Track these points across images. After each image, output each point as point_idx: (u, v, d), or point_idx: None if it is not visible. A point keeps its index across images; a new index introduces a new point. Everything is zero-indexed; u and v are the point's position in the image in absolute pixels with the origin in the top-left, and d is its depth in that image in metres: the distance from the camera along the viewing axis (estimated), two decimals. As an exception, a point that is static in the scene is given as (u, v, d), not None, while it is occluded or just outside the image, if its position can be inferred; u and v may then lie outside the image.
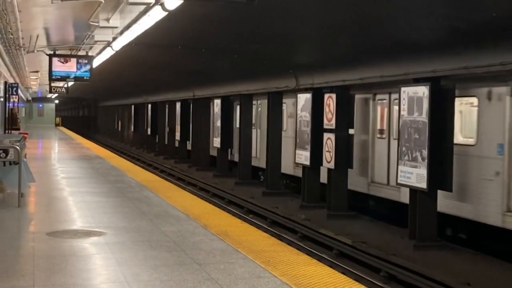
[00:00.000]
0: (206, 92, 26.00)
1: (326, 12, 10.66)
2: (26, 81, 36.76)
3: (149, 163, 31.11)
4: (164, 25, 11.97)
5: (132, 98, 41.67)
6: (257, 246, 8.35)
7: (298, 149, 17.03)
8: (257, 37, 13.99)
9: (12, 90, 26.98)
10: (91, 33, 15.43)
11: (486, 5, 8.81)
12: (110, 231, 8.71)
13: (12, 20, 12.27)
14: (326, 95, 15.56)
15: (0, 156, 10.88)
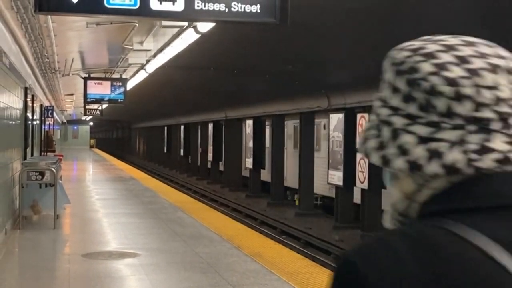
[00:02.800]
0: (238, 113, 26.11)
1: (358, 33, 10.66)
2: (61, 104, 37.30)
3: (182, 184, 31.24)
4: (197, 47, 12.08)
5: (165, 119, 42.01)
6: (291, 268, 8.31)
7: (330, 169, 16.97)
8: (289, 57, 14.03)
9: (47, 113, 27.39)
10: (125, 56, 15.63)
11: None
12: (144, 252, 8.75)
13: (48, 44, 12.49)
14: (358, 115, 15.51)
15: (37, 178, 11.03)
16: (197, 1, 4.94)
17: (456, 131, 0.94)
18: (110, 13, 4.94)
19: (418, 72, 0.97)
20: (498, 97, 0.94)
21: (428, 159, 0.94)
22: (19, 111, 12.41)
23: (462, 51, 0.98)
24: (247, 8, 4.99)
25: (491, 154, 0.93)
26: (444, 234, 0.89)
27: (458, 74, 0.95)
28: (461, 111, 0.94)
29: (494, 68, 0.96)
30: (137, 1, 4.85)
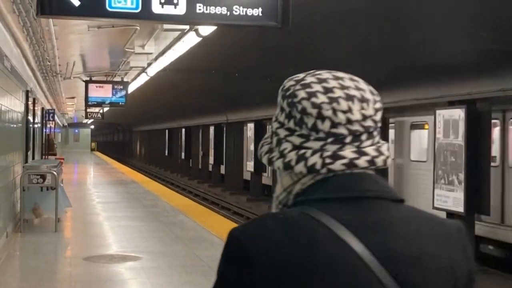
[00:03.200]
0: (239, 116, 26.10)
1: (360, 36, 10.66)
2: (62, 107, 37.33)
3: (183, 187, 31.23)
4: (198, 51, 12.09)
5: (166, 122, 42.01)
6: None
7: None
8: (290, 60, 14.03)
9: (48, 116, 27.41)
10: (126, 59, 15.65)
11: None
12: (145, 255, 8.74)
13: (49, 48, 12.50)
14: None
15: (38, 181, 11.03)
16: (199, 4, 4.93)
17: (319, 142, 1.27)
18: (112, 16, 4.94)
19: (296, 97, 1.29)
20: (350, 119, 1.26)
21: (297, 161, 1.27)
22: (20, 114, 12.41)
23: (329, 84, 1.29)
24: (248, 11, 4.99)
25: (341, 160, 1.26)
26: (303, 216, 1.22)
27: (322, 101, 1.26)
28: (322, 127, 1.26)
29: (350, 97, 1.27)
30: (139, 4, 4.85)
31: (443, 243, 1.25)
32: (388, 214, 1.25)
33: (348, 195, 1.25)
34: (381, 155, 1.30)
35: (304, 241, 1.19)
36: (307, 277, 1.17)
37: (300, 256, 1.18)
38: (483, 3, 8.12)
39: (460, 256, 1.26)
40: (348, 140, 1.27)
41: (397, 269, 1.19)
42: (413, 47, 10.86)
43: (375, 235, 1.21)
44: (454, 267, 1.24)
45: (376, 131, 1.32)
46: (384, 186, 1.30)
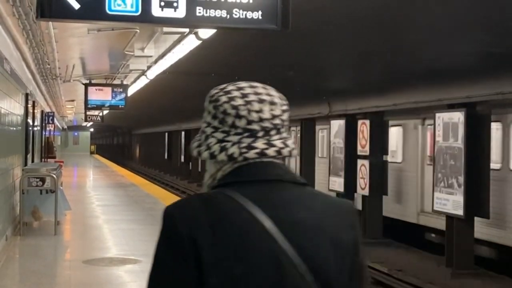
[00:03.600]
0: (239, 119, 26.09)
1: (359, 39, 10.66)
2: (62, 110, 37.33)
3: (183, 190, 31.21)
4: (198, 54, 12.10)
5: (166, 125, 42.02)
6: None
7: (332, 176, 16.96)
8: (289, 64, 14.03)
9: (48, 119, 27.40)
10: (126, 62, 15.64)
11: (522, 29, 8.73)
12: (145, 258, 8.73)
13: (49, 51, 12.50)
14: (359, 121, 15.51)
15: (37, 184, 11.03)
16: (199, 7, 4.93)
17: (237, 136, 1.61)
18: (111, 19, 4.93)
19: (219, 101, 1.64)
20: (261, 117, 1.61)
21: (220, 152, 1.60)
22: (20, 117, 12.41)
23: (245, 91, 1.64)
24: (248, 14, 4.99)
25: (254, 150, 1.58)
26: (221, 195, 1.55)
27: (239, 103, 1.61)
28: (240, 124, 1.59)
29: (261, 101, 1.62)
30: (139, 7, 4.85)
31: (333, 218, 1.59)
32: (288, 193, 1.58)
33: (257, 179, 1.58)
34: (287, 147, 1.64)
35: (220, 215, 1.53)
36: (223, 243, 1.50)
37: (218, 225, 1.51)
38: (482, 6, 8.12)
39: (348, 229, 1.60)
40: (260, 135, 1.61)
41: (293, 236, 1.52)
42: (412, 50, 10.87)
43: (277, 210, 1.54)
44: (342, 237, 1.57)
45: (283, 128, 1.66)
46: (288, 171, 1.63)
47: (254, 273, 1.49)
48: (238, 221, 1.52)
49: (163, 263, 1.55)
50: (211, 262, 1.49)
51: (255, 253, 1.50)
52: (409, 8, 8.59)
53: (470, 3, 8.02)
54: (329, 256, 1.54)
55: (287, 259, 1.50)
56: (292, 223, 1.53)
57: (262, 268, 1.49)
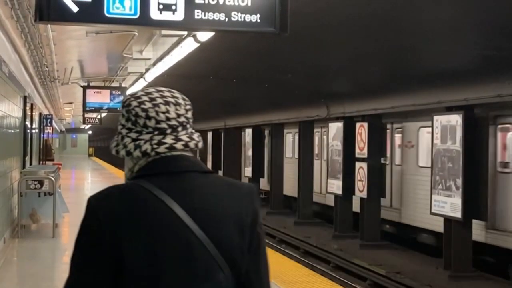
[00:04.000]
0: (237, 121, 26.12)
1: (358, 42, 10.68)
2: (60, 113, 37.31)
3: (181, 193, 31.19)
4: (196, 56, 12.10)
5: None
6: (291, 277, 8.30)
7: (330, 178, 16.96)
8: (288, 67, 14.05)
9: (46, 121, 27.38)
10: (124, 65, 15.64)
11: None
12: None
13: (47, 53, 12.50)
14: (357, 124, 15.52)
15: (35, 187, 11.02)
16: (197, 10, 4.94)
17: (148, 135, 1.84)
18: (110, 22, 4.93)
19: (131, 106, 1.87)
20: (168, 117, 1.84)
21: (135, 149, 1.84)
22: (18, 120, 12.40)
23: (153, 95, 1.87)
24: (247, 17, 4.99)
25: (164, 145, 1.82)
26: (135, 185, 1.80)
27: (148, 106, 1.85)
28: (150, 124, 1.83)
29: (167, 103, 1.86)
30: (137, 10, 4.86)
31: (234, 199, 1.84)
32: (195, 181, 1.82)
33: (167, 170, 1.82)
34: (193, 141, 1.88)
35: (134, 202, 1.77)
36: (137, 227, 1.74)
37: (132, 212, 1.75)
38: (480, 9, 8.14)
39: (247, 207, 1.84)
40: (168, 132, 1.84)
41: (199, 218, 1.76)
42: (411, 53, 10.89)
43: (185, 196, 1.78)
44: (242, 215, 1.82)
45: (188, 125, 1.90)
46: (195, 162, 1.87)
47: (167, 252, 1.73)
48: (150, 207, 1.76)
49: (83, 248, 1.77)
50: (127, 244, 1.72)
51: (167, 234, 1.74)
52: (408, 11, 8.61)
53: (468, 6, 8.04)
54: (231, 232, 1.79)
55: (195, 238, 1.74)
56: (198, 207, 1.78)
57: (173, 246, 1.74)
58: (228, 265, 1.76)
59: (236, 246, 1.79)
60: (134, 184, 1.81)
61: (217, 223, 1.78)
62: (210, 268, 1.74)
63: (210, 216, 1.78)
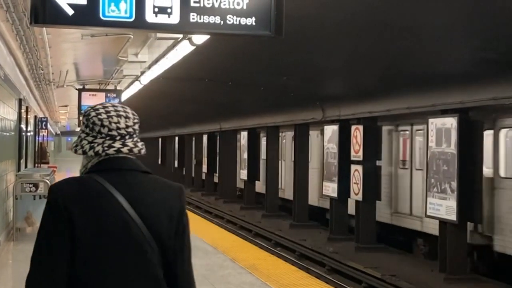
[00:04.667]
0: (232, 124, 26.12)
1: (353, 45, 10.70)
2: (55, 115, 37.26)
3: (176, 196, 31.13)
4: (192, 59, 12.11)
5: (159, 131, 41.99)
6: (286, 280, 8.31)
7: (325, 181, 16.97)
8: (283, 69, 14.07)
9: (41, 124, 27.36)
10: (119, 68, 15.65)
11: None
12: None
13: (42, 56, 12.50)
14: (353, 126, 15.53)
15: (31, 190, 11.00)
16: (192, 13, 4.94)
17: (101, 139, 2.33)
18: (105, 25, 4.93)
19: (90, 116, 2.37)
20: (118, 127, 2.34)
21: (89, 150, 2.33)
22: (13, 123, 12.38)
23: (108, 109, 2.37)
24: (242, 20, 5.00)
25: (112, 148, 2.31)
26: (89, 178, 2.30)
27: (103, 117, 2.34)
28: (103, 131, 2.32)
29: (119, 115, 2.36)
30: (133, 13, 4.85)
31: (166, 194, 2.35)
32: (136, 178, 2.33)
33: (114, 168, 2.32)
34: (136, 147, 2.37)
35: (86, 189, 2.28)
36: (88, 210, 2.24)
37: (84, 195, 2.26)
38: (475, 12, 8.16)
39: (176, 202, 2.36)
40: (118, 138, 2.34)
41: (137, 206, 2.27)
42: (406, 56, 10.91)
43: (126, 188, 2.28)
44: (172, 207, 2.33)
45: (135, 135, 2.39)
46: (137, 164, 2.37)
47: (109, 231, 2.24)
48: (99, 195, 2.26)
49: (47, 224, 2.28)
50: (79, 222, 2.23)
51: (109, 215, 2.25)
52: (403, 14, 8.63)
53: (463, 9, 8.06)
54: (161, 218, 2.30)
55: (131, 220, 2.25)
56: (136, 197, 2.28)
57: (113, 224, 2.24)
58: (156, 243, 2.27)
59: (164, 229, 2.30)
60: (87, 176, 2.32)
61: (150, 210, 2.28)
62: (141, 242, 2.25)
63: (145, 205, 2.28)
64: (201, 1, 4.97)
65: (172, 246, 2.30)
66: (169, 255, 2.30)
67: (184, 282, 2.34)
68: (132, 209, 2.25)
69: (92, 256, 2.23)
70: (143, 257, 2.25)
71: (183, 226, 2.35)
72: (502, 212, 11.94)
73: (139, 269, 2.25)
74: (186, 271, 2.35)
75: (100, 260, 2.23)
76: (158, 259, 2.27)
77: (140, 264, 2.25)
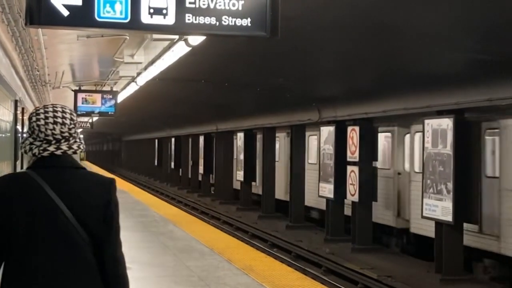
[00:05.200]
0: (229, 125, 26.11)
1: (349, 46, 10.70)
2: (51, 117, 37.13)
3: (173, 197, 31.16)
4: (188, 60, 12.10)
5: (156, 132, 41.95)
6: (282, 281, 8.30)
7: (321, 182, 16.97)
8: (279, 70, 14.07)
9: (37, 125, 27.26)
10: (115, 69, 15.63)
11: (509, 36, 8.80)
12: (134, 266, 8.71)
13: (38, 57, 12.48)
14: (349, 127, 15.54)
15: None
16: (188, 14, 4.94)
17: (39, 142, 2.69)
18: (100, 26, 4.92)
19: (31, 119, 2.69)
20: (53, 133, 2.68)
21: (29, 150, 2.69)
22: (9, 124, 12.35)
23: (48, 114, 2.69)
24: (237, 21, 5.00)
25: (47, 151, 2.66)
26: (24, 173, 2.69)
27: (41, 123, 2.68)
28: (41, 136, 2.67)
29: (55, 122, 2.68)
30: (128, 14, 4.85)
31: (95, 187, 2.70)
32: (66, 174, 2.69)
33: (48, 165, 2.68)
34: (71, 149, 2.72)
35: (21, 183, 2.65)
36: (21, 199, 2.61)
37: (18, 188, 2.63)
38: (471, 13, 8.18)
39: (104, 193, 2.70)
40: (53, 142, 2.70)
41: (66, 198, 2.62)
42: (402, 57, 10.92)
43: (58, 184, 2.64)
44: (100, 198, 2.68)
45: (71, 137, 2.74)
46: (70, 161, 2.73)
47: (39, 217, 2.59)
48: (32, 187, 2.63)
49: None
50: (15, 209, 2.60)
51: (40, 206, 2.61)
52: (399, 15, 8.63)
53: (458, 10, 8.07)
54: (90, 208, 2.65)
55: (60, 211, 2.60)
56: (66, 191, 2.64)
57: (44, 214, 2.60)
58: (84, 230, 2.62)
59: (91, 218, 2.64)
60: (23, 172, 2.70)
61: (78, 202, 2.64)
62: (70, 230, 2.60)
63: (73, 197, 2.64)
64: (197, 2, 4.97)
65: (100, 232, 2.65)
66: (98, 240, 2.65)
67: (111, 263, 2.69)
68: (61, 201, 2.61)
69: (25, 244, 2.58)
70: (71, 243, 2.60)
71: (110, 214, 2.69)
72: (414, 199, 14.08)
73: (68, 254, 2.60)
74: (113, 254, 2.71)
75: (33, 247, 2.58)
76: (87, 245, 2.63)
77: (69, 249, 2.60)
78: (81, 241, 2.61)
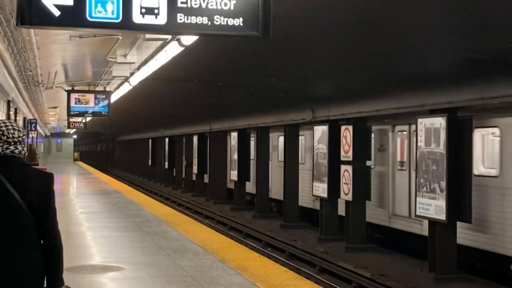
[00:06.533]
0: (222, 125, 26.11)
1: (342, 45, 10.71)
2: (44, 117, 37.12)
3: (167, 197, 31.13)
4: (181, 60, 12.09)
5: (149, 132, 41.90)
6: (276, 281, 8.30)
7: (315, 181, 16.99)
8: (273, 70, 14.07)
9: (31, 126, 27.27)
10: (108, 69, 15.59)
11: (501, 36, 8.82)
12: (128, 266, 8.71)
13: (31, 57, 12.45)
14: (342, 127, 15.56)
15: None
16: (180, 14, 4.94)
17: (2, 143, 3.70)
18: (92, 26, 4.91)
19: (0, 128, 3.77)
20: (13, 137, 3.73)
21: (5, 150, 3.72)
22: (1, 125, 12.30)
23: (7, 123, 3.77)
24: (229, 21, 5.00)
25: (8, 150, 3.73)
26: None
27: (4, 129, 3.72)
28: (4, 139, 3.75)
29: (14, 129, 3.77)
30: (120, 14, 4.85)
31: (38, 179, 3.68)
32: (18, 169, 3.65)
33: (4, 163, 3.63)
34: (23, 150, 3.71)
35: None
36: None
37: None
38: (463, 13, 8.19)
39: (45, 184, 3.69)
40: (12, 144, 3.68)
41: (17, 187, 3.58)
42: (394, 56, 10.93)
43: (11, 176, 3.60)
44: (42, 187, 3.66)
45: (23, 142, 3.73)
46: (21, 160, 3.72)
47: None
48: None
49: None
50: None
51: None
52: (391, 15, 8.64)
53: (451, 10, 8.09)
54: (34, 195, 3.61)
55: (13, 198, 3.56)
56: (17, 181, 3.59)
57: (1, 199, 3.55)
58: (30, 212, 3.58)
59: (35, 201, 3.60)
60: None
61: (25, 189, 3.59)
62: (18, 210, 3.56)
63: (22, 186, 3.59)
64: (189, 2, 4.97)
65: (41, 211, 3.62)
66: (39, 217, 3.62)
67: (49, 233, 3.66)
68: (14, 190, 3.56)
69: None
70: (20, 220, 3.58)
71: (48, 198, 3.66)
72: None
73: (17, 228, 3.58)
74: (51, 226, 3.66)
75: None
76: (32, 221, 3.60)
77: (18, 225, 3.58)
78: (26, 218, 3.58)
